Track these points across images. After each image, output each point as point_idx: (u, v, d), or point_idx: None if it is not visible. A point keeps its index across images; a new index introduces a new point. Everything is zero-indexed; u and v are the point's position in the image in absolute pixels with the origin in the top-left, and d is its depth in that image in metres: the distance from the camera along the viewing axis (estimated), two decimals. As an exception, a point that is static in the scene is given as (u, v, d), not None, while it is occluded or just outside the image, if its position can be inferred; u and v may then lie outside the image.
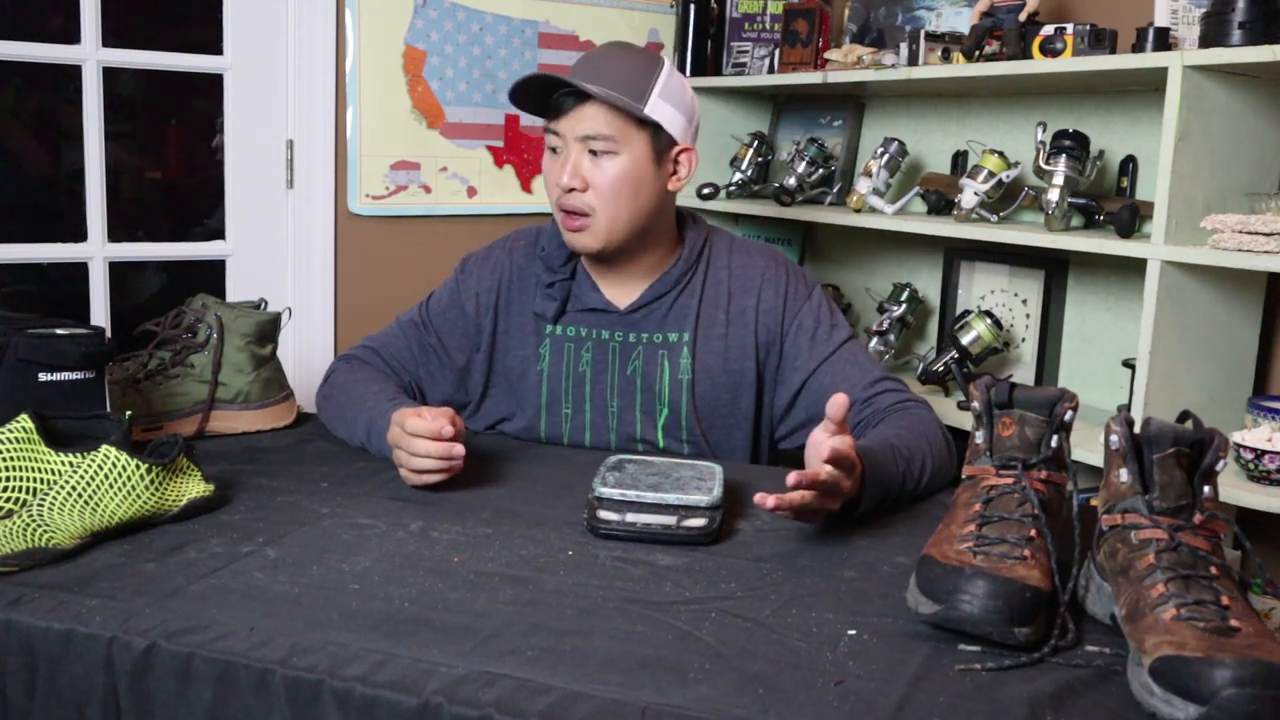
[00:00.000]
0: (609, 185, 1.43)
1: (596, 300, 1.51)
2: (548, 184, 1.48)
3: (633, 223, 1.46)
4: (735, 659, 0.84)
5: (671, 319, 1.50)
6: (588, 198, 1.43)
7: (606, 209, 1.44)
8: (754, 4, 2.73)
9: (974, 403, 1.02)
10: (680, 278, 1.51)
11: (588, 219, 1.44)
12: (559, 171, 1.44)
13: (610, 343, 1.50)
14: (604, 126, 1.41)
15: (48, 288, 2.64)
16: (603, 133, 1.41)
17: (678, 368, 1.49)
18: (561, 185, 1.43)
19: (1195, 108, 1.75)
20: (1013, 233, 2.04)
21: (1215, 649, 0.77)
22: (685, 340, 1.50)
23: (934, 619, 0.89)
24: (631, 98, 1.41)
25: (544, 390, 1.50)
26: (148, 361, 1.44)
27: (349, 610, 0.90)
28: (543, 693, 0.77)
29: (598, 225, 1.44)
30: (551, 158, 1.47)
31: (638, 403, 1.49)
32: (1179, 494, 0.89)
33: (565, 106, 1.42)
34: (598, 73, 1.42)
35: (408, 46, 2.53)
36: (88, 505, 1.03)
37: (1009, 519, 0.94)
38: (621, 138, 1.42)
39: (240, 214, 2.47)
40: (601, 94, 1.39)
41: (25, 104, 2.65)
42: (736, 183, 2.67)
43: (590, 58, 1.47)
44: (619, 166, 1.43)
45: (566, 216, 1.45)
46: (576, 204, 1.44)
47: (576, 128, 1.42)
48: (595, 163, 1.43)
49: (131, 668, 0.85)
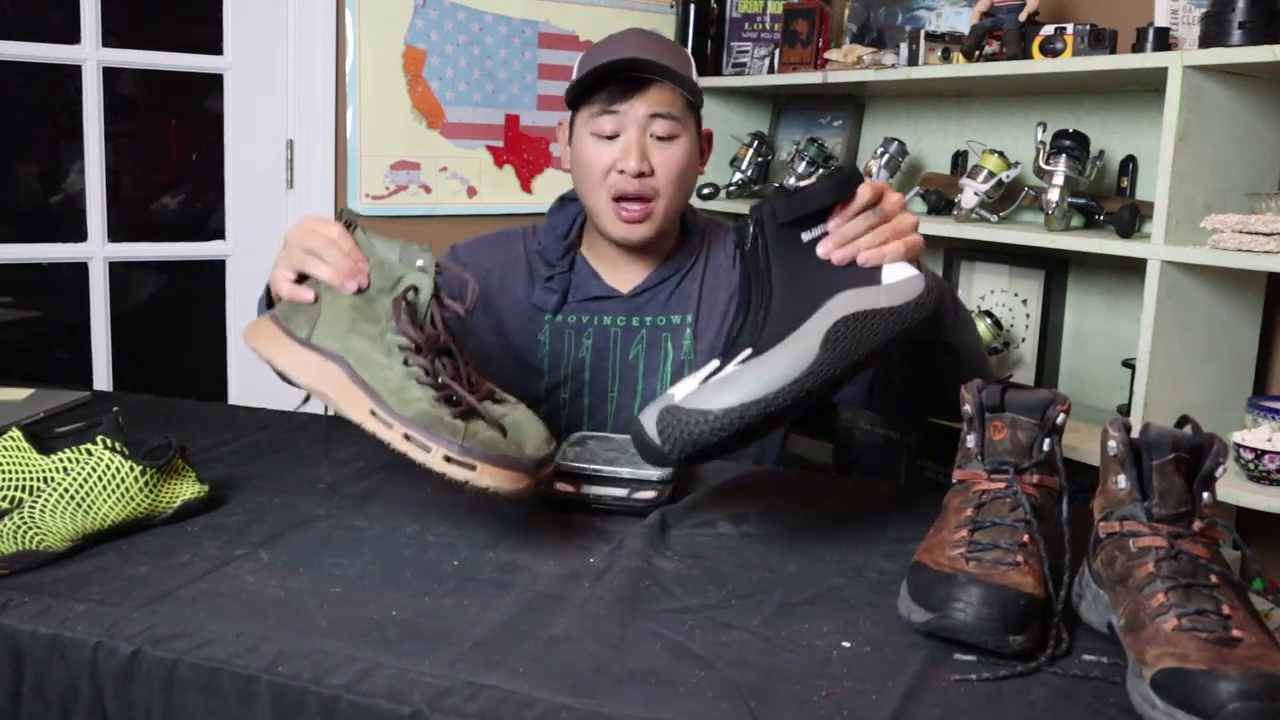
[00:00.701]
0: (675, 168, 1.41)
1: (598, 287, 1.49)
2: (595, 171, 1.41)
3: (681, 208, 1.46)
4: (726, 670, 0.83)
5: (675, 301, 1.49)
6: (652, 181, 1.41)
7: (668, 193, 1.42)
8: (754, 4, 2.72)
9: (965, 406, 1.01)
10: (684, 261, 1.51)
11: (649, 204, 1.41)
12: (622, 155, 1.39)
13: (612, 328, 1.49)
14: (672, 107, 1.40)
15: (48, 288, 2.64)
16: (672, 112, 1.40)
17: (680, 349, 1.48)
18: (629, 169, 1.38)
19: (1195, 108, 1.74)
20: (1013, 233, 2.03)
21: (1218, 661, 0.76)
22: (688, 321, 1.49)
23: (927, 627, 0.88)
24: (687, 81, 1.41)
25: (545, 376, 1.49)
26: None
27: (338, 616, 0.90)
28: (529, 705, 0.77)
29: (658, 211, 1.42)
30: (602, 145, 1.41)
31: (638, 389, 1.48)
32: (1178, 501, 0.88)
33: (627, 89, 1.39)
34: (656, 55, 1.40)
35: (408, 46, 2.53)
36: (80, 507, 1.02)
37: (1001, 524, 0.93)
38: (683, 120, 1.42)
39: (240, 214, 2.47)
40: (677, 71, 1.38)
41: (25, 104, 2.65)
42: (737, 183, 2.66)
43: (632, 41, 1.44)
44: (682, 150, 1.42)
45: (623, 205, 1.41)
46: (642, 189, 1.40)
47: (645, 108, 1.39)
48: (658, 146, 1.41)
49: (117, 673, 0.84)
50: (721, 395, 0.93)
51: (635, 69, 1.39)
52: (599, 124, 1.41)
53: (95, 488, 1.04)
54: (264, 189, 2.47)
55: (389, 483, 1.25)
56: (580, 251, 1.52)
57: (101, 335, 2.36)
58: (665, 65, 1.39)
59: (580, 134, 1.44)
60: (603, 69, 1.39)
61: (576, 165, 1.45)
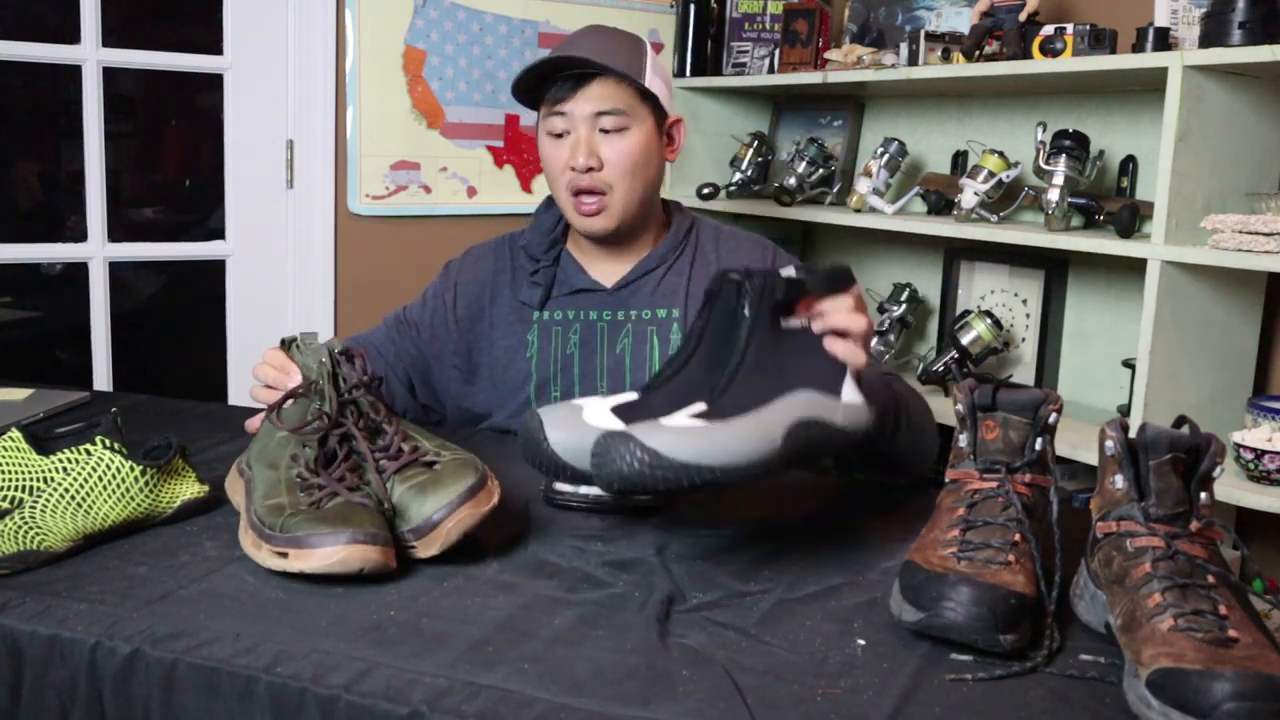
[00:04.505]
0: (625, 160, 1.43)
1: (583, 281, 1.51)
2: (554, 169, 1.46)
3: (644, 197, 1.47)
4: (725, 669, 0.83)
5: (661, 295, 1.50)
6: (604, 175, 1.43)
7: (622, 185, 1.44)
8: (754, 4, 2.72)
9: (957, 405, 1.01)
10: (667, 255, 1.52)
11: (604, 198, 1.44)
12: (571, 153, 1.42)
13: (598, 323, 1.49)
14: (617, 101, 1.42)
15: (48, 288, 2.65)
16: (617, 107, 1.42)
17: (667, 344, 1.49)
18: (578, 165, 1.42)
19: (1195, 108, 1.74)
20: (1013, 233, 2.03)
21: (1214, 661, 0.76)
22: (675, 316, 1.49)
23: (918, 626, 0.88)
24: (633, 72, 1.42)
25: (534, 375, 1.50)
26: None
27: (337, 616, 0.90)
28: (528, 705, 0.77)
29: (614, 203, 1.44)
30: (555, 143, 1.45)
31: (626, 383, 1.48)
32: (1175, 501, 0.88)
33: (571, 86, 1.41)
34: (595, 52, 1.41)
35: (408, 46, 2.53)
36: (80, 507, 1.02)
37: (993, 524, 0.93)
38: (631, 111, 1.43)
39: (240, 214, 2.47)
40: (614, 68, 1.39)
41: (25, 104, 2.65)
42: (736, 183, 2.66)
43: (578, 39, 1.46)
44: (632, 140, 1.43)
45: (580, 199, 1.44)
46: (594, 183, 1.43)
47: (587, 106, 1.41)
48: (608, 140, 1.43)
49: (115, 673, 0.84)
50: (679, 445, 0.89)
51: (569, 66, 1.41)
52: (551, 123, 1.45)
53: (95, 488, 1.04)
54: (264, 189, 2.47)
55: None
56: (566, 247, 1.53)
57: (101, 335, 2.37)
58: (596, 61, 1.39)
59: (540, 134, 1.48)
60: (535, 69, 1.42)
61: (542, 164, 1.50)
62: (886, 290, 2.47)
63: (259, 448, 1.12)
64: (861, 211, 2.36)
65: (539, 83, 1.44)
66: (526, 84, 1.44)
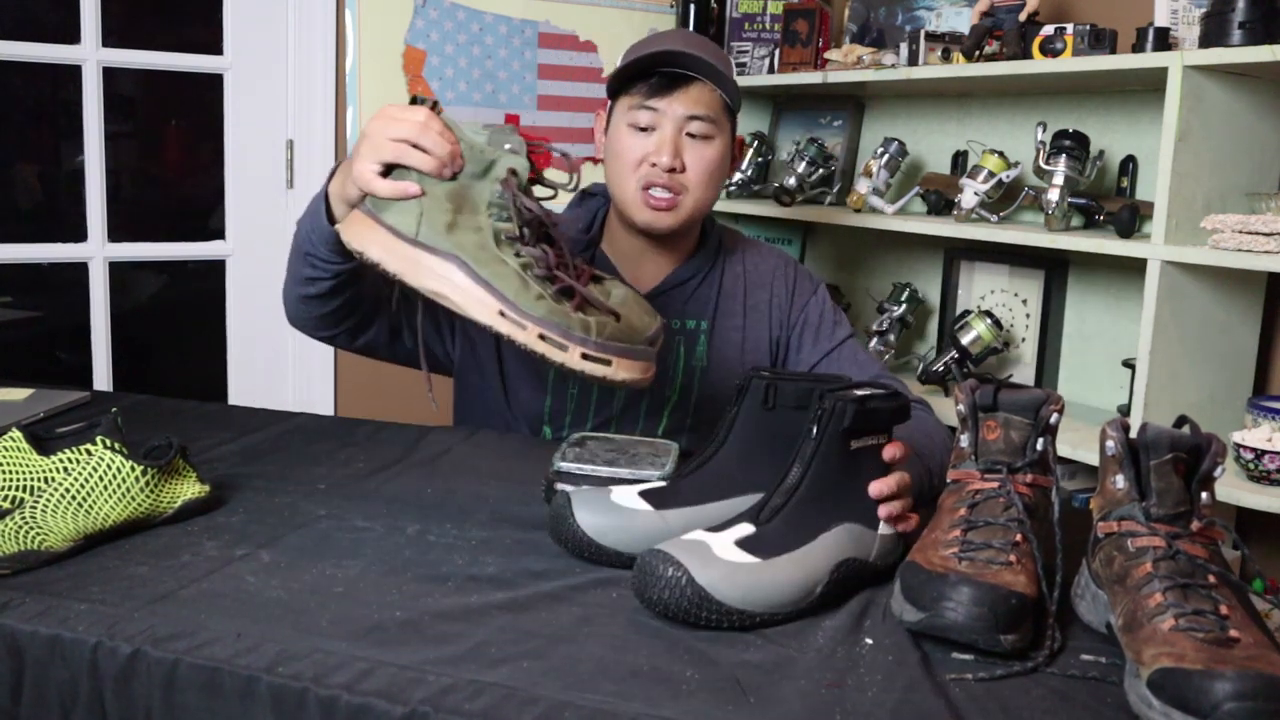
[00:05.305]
0: (705, 169, 1.43)
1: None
2: (628, 160, 1.43)
3: (709, 206, 1.48)
4: (727, 667, 0.84)
5: (691, 306, 1.51)
6: (682, 178, 1.43)
7: (696, 192, 1.44)
8: (754, 4, 2.72)
9: (959, 406, 1.01)
10: (702, 265, 1.52)
11: (677, 198, 1.43)
12: (656, 149, 1.41)
13: None
14: (709, 108, 1.42)
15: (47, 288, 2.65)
16: (709, 114, 1.42)
17: (693, 354, 1.49)
18: (662, 163, 1.41)
19: (1195, 108, 1.74)
20: (1013, 233, 2.03)
21: (1215, 661, 0.76)
22: (703, 328, 1.50)
23: (918, 626, 0.88)
24: (729, 86, 1.42)
25: (551, 372, 1.48)
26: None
27: (339, 616, 0.90)
28: (531, 703, 0.77)
29: (685, 205, 1.44)
30: (638, 135, 1.43)
31: (644, 392, 1.48)
32: (1176, 501, 0.88)
33: (668, 85, 1.41)
34: (700, 53, 1.40)
35: (408, 46, 2.53)
36: (81, 507, 1.02)
37: (994, 524, 0.93)
38: (718, 122, 1.43)
39: (240, 214, 2.47)
40: (723, 75, 1.40)
41: (25, 104, 2.65)
42: (737, 183, 2.66)
43: (682, 40, 1.46)
44: (716, 151, 1.44)
45: (652, 194, 1.43)
46: (672, 184, 1.42)
47: (682, 107, 1.41)
48: (693, 145, 1.43)
49: (117, 673, 0.84)
50: (728, 587, 0.90)
51: (679, 63, 1.40)
52: (636, 116, 1.43)
53: (96, 488, 1.04)
54: (264, 189, 2.47)
55: (390, 483, 1.26)
56: (601, 247, 1.53)
57: (101, 335, 2.37)
58: (709, 63, 1.40)
59: (617, 123, 1.46)
60: (646, 59, 1.40)
61: (610, 153, 1.47)
62: (886, 290, 2.47)
63: (435, 213, 0.99)
64: (861, 211, 2.36)
65: (634, 75, 1.42)
66: (631, 72, 1.42)
